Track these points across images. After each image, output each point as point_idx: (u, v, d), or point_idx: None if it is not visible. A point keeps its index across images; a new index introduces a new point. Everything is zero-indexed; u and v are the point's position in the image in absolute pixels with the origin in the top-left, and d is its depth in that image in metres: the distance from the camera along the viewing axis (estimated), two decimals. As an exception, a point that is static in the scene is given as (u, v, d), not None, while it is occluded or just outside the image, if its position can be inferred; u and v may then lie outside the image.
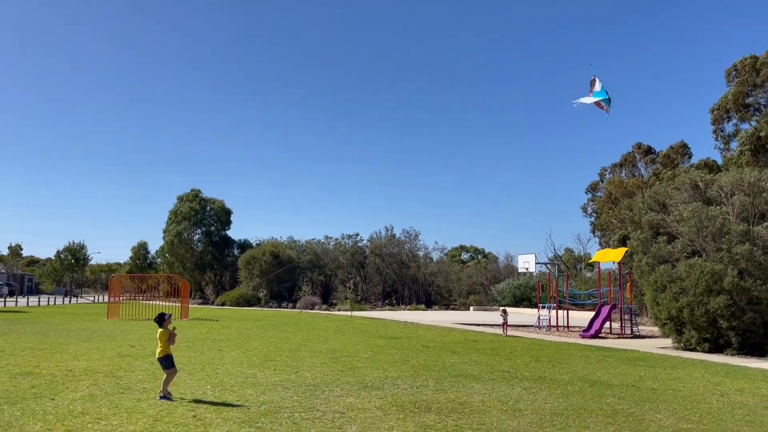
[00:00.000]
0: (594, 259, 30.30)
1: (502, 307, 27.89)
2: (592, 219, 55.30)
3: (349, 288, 47.28)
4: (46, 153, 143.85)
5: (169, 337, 9.09)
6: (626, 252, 25.19)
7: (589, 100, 24.72)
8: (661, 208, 20.53)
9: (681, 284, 18.00)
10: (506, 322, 23.38)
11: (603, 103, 24.44)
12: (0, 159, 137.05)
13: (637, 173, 50.56)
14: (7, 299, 49.79)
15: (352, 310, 43.19)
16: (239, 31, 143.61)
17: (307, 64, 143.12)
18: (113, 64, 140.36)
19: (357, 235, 64.98)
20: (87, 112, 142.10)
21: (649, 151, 50.64)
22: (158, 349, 9.04)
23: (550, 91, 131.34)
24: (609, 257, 27.60)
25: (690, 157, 45.21)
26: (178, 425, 7.08)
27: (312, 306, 50.72)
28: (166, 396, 8.72)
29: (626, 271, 27.89)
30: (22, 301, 51.97)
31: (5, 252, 72.79)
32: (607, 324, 25.59)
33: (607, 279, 30.45)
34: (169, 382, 8.94)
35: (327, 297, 59.74)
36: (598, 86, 24.59)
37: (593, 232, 52.09)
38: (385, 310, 50.78)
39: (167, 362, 8.94)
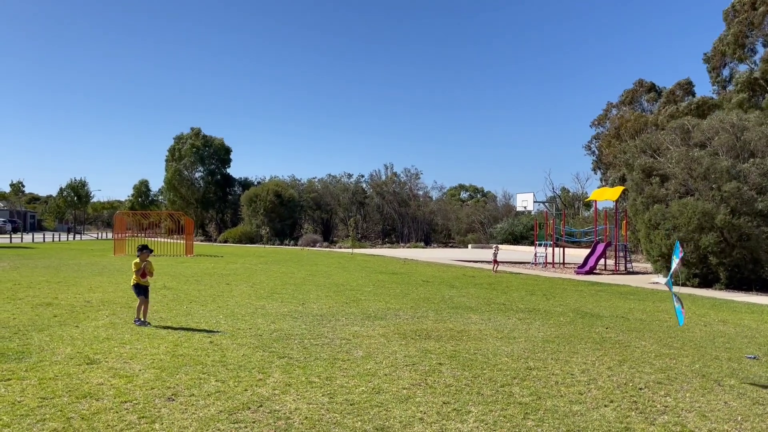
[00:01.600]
0: (591, 197, 30.75)
1: (495, 244, 28.50)
2: (595, 157, 55.44)
3: (350, 226, 47.94)
4: (47, 90, 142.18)
5: (142, 269, 9.63)
6: (623, 191, 25.62)
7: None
8: (653, 152, 20.85)
9: (674, 222, 18.51)
10: (496, 260, 23.89)
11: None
12: (1, 97, 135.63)
13: (640, 110, 50.36)
14: (12, 236, 50.50)
15: (353, 247, 43.97)
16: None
17: (307, 1, 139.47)
18: (112, 3, 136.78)
19: (360, 175, 65.40)
20: (87, 50, 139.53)
21: (652, 88, 50.28)
22: (135, 277, 9.71)
23: (550, 28, 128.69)
24: (605, 196, 28.03)
25: (693, 96, 45.01)
26: (197, 349, 7.64)
27: (313, 243, 51.55)
28: (141, 322, 9.37)
29: (622, 210, 28.40)
30: (26, 237, 52.70)
31: (7, 189, 73.15)
32: (602, 261, 26.28)
33: (603, 217, 30.96)
34: (141, 309, 9.52)
35: (328, 235, 60.58)
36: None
37: (594, 171, 52.34)
38: (385, 247, 51.65)
39: (137, 290, 9.62)
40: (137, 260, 9.82)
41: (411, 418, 5.21)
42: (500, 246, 49.81)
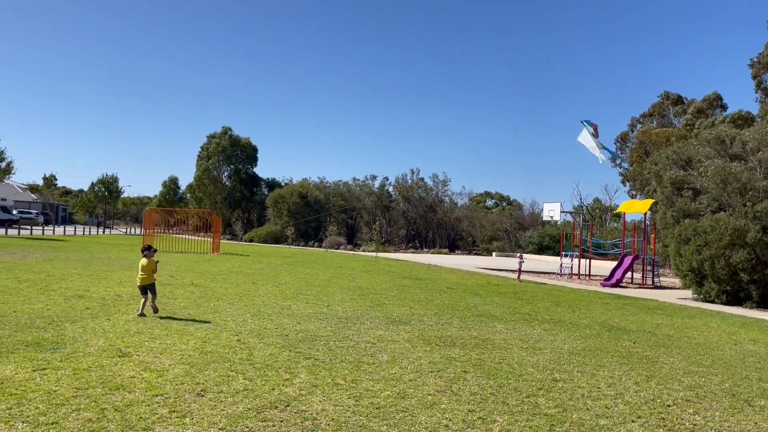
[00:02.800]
0: (620, 209, 30.39)
1: (519, 253, 28.02)
2: (621, 170, 54.82)
3: (375, 230, 48.03)
4: (80, 87, 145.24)
5: (155, 268, 10.33)
6: (652, 204, 25.28)
7: (589, 141, 26.53)
8: (685, 163, 20.53)
9: (705, 237, 18.21)
10: (521, 268, 23.63)
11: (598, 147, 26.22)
12: (36, 93, 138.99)
13: (667, 123, 49.66)
14: (45, 228, 51.62)
15: (377, 251, 44.04)
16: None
17: (339, 6, 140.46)
18: (146, 3, 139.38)
19: (385, 178, 65.54)
20: (122, 49, 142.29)
21: (678, 100, 49.50)
22: (141, 276, 10.03)
23: (573, 39, 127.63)
24: (635, 208, 27.69)
25: (724, 110, 44.18)
26: (225, 347, 7.75)
27: (337, 246, 51.77)
28: (143, 314, 9.84)
29: (651, 223, 28.03)
30: (58, 230, 53.81)
31: (40, 182, 74.82)
32: (629, 274, 25.95)
33: (632, 230, 30.56)
34: (151, 301, 10.11)
35: (352, 237, 60.78)
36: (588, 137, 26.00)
37: (623, 183, 51.70)
38: (409, 252, 51.62)
39: (153, 290, 10.16)
40: (146, 261, 10.21)
41: (437, 424, 5.23)
42: (525, 255, 49.52)
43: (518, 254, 25.20)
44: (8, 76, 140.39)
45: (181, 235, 39.20)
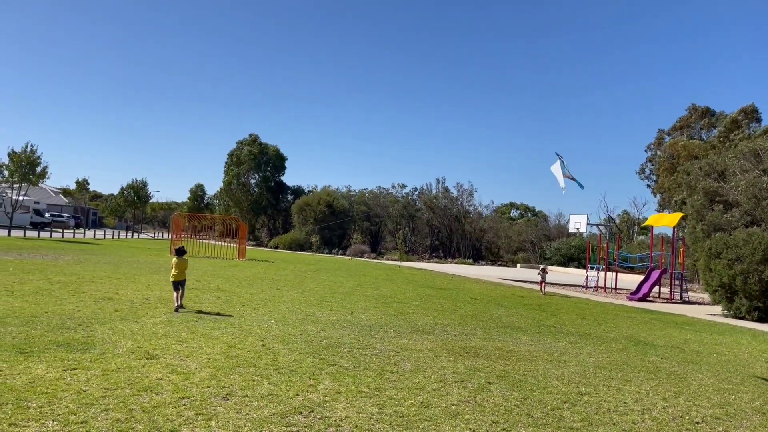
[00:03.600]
0: (648, 222, 29.95)
1: (542, 265, 27.02)
2: (650, 182, 54.09)
3: (399, 239, 48.04)
4: (113, 96, 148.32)
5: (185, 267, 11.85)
6: (681, 217, 24.88)
7: (559, 173, 28.30)
8: (718, 176, 20.17)
9: (737, 252, 17.86)
10: (544, 281, 22.78)
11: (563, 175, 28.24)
12: (72, 101, 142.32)
13: (695, 136, 48.89)
14: (76, 231, 52.63)
15: (400, 260, 44.01)
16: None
17: (365, 17, 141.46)
18: (173, 13, 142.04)
19: (414, 189, 65.60)
20: (150, 60, 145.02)
21: (707, 113, 48.67)
22: (174, 273, 11.56)
23: (602, 49, 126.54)
24: (663, 222, 27.28)
25: (759, 122, 43.37)
26: (251, 351, 7.82)
27: (361, 254, 51.88)
28: (182, 307, 11.21)
29: (680, 237, 27.57)
30: (88, 233, 54.82)
31: (73, 186, 76.33)
32: (656, 288, 25.55)
33: (659, 243, 30.09)
34: (183, 296, 11.50)
35: (376, 246, 60.85)
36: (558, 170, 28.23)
37: (654, 194, 50.97)
38: (432, 262, 51.48)
39: (183, 284, 11.62)
40: (178, 260, 11.75)
41: (460, 434, 5.21)
42: (549, 267, 48.94)
43: (541, 266, 24.73)
44: (46, 85, 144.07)
45: (207, 241, 39.66)
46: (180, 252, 12.14)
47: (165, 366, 6.70)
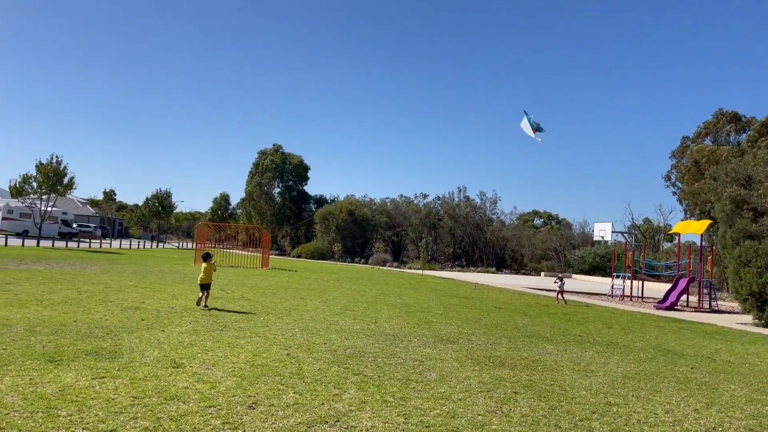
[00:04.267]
0: (674, 230, 29.49)
1: (559, 274, 25.91)
2: (675, 189, 53.33)
3: (421, 247, 47.96)
4: (139, 108, 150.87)
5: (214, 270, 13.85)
6: (709, 225, 24.46)
7: (528, 129, 29.34)
8: (745, 182, 19.80)
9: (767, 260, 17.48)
10: (562, 290, 21.99)
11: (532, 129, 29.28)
12: (98, 114, 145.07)
13: (721, 141, 48.05)
14: (102, 241, 53.46)
15: (423, 269, 43.90)
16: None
17: (386, 26, 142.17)
18: (196, 25, 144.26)
19: (436, 198, 65.54)
20: (175, 72, 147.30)
21: (734, 118, 47.80)
22: (202, 276, 13.35)
23: (626, 54, 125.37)
24: (690, 229, 26.83)
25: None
26: (275, 360, 7.84)
27: (383, 263, 51.87)
28: (206, 306, 12.90)
29: (708, 244, 27.09)
30: (114, 243, 55.64)
31: (100, 197, 77.55)
32: (684, 297, 25.11)
33: (687, 251, 29.59)
34: (206, 298, 13.12)
35: (398, 255, 60.80)
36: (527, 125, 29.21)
37: (680, 202, 50.21)
38: (455, 270, 51.26)
39: (209, 287, 13.33)
40: (208, 265, 13.53)
41: (487, 445, 5.15)
42: (575, 276, 48.28)
43: (558, 275, 24.20)
44: (72, 98, 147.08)
45: (230, 250, 39.99)
46: (206, 257, 13.84)
47: (191, 375, 6.74)
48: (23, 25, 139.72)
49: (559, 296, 22.02)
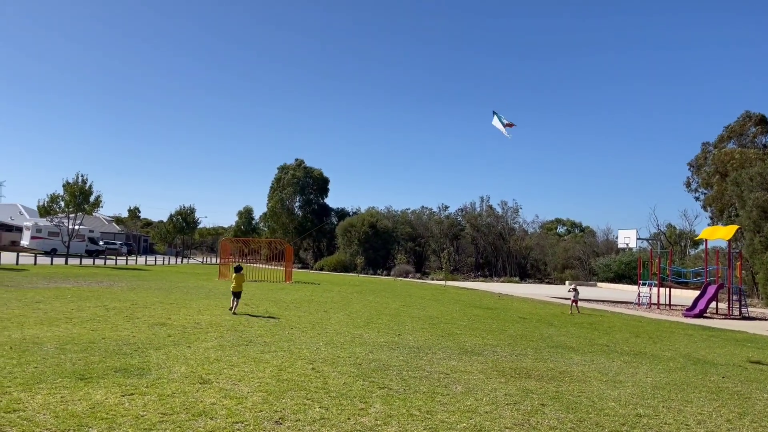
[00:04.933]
0: (701, 236, 29.01)
1: (573, 284, 24.49)
2: (697, 195, 52.55)
3: (443, 258, 47.81)
4: (163, 127, 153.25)
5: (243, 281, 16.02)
6: (737, 230, 24.04)
7: (500, 126, 31.33)
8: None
9: (798, 265, 17.12)
10: (576, 300, 21.26)
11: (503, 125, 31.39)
12: (125, 132, 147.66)
13: (747, 144, 47.23)
14: (128, 258, 54.20)
15: (445, 279, 43.73)
16: (344, 16, 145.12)
17: (404, 43, 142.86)
18: (219, 40, 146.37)
19: (459, 209, 65.40)
20: (198, 91, 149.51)
21: (762, 120, 47.00)
22: (234, 285, 15.56)
23: (648, 61, 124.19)
24: (717, 234, 26.38)
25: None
26: (301, 375, 7.87)
27: (406, 274, 51.79)
28: (235, 313, 14.68)
29: (736, 250, 26.60)
30: (140, 260, 56.36)
31: (125, 214, 78.84)
32: (713, 304, 24.66)
33: (714, 257, 29.05)
34: (235, 305, 15.10)
35: (420, 266, 60.68)
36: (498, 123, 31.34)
37: (704, 208, 49.44)
38: (478, 281, 50.97)
39: (239, 295, 15.51)
40: (239, 275, 15.87)
41: (515, 459, 5.10)
42: (599, 284, 47.70)
43: (571, 285, 23.45)
44: (98, 119, 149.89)
45: (254, 264, 40.24)
46: (238, 269, 16.26)
47: (218, 390, 6.79)
48: (47, 47, 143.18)
49: (573, 305, 21.41)
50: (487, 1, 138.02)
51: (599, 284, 49.53)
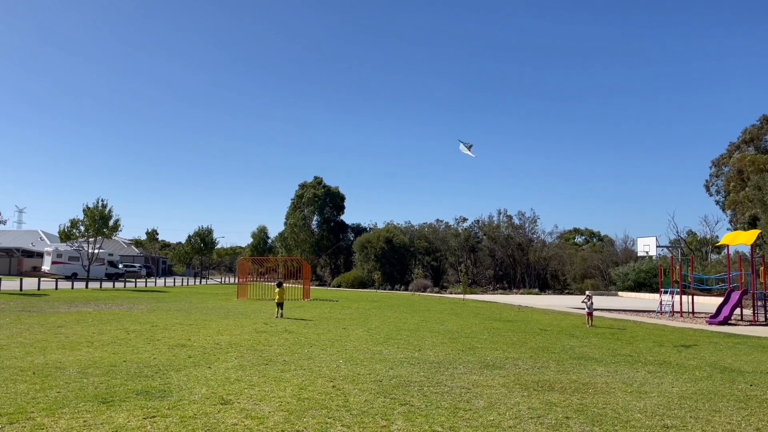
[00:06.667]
0: (723, 241, 28.58)
1: (588, 294, 22.90)
2: (718, 198, 51.90)
3: (461, 271, 47.57)
4: (177, 147, 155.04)
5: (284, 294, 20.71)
6: (759, 234, 23.67)
7: (465, 150, 35.95)
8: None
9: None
10: (590, 311, 20.04)
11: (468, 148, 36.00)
12: (140, 157, 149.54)
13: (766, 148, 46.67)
14: (147, 280, 54.63)
15: (464, 293, 43.48)
16: (351, 32, 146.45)
17: (419, 57, 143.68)
18: (236, 58, 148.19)
19: (476, 221, 65.19)
20: (215, 112, 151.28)
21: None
22: (277, 297, 20.26)
23: (664, 66, 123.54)
24: (739, 240, 25.99)
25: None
26: (321, 393, 7.83)
27: (424, 288, 51.57)
28: (280, 317, 19.28)
29: (759, 255, 26.17)
30: (159, 281, 56.76)
31: (143, 236, 79.57)
32: (738, 310, 24.23)
33: (737, 263, 28.59)
34: (279, 313, 19.61)
35: (438, 280, 60.40)
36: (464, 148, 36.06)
37: (724, 211, 48.79)
38: (497, 293, 50.61)
39: (282, 305, 20.11)
40: (279, 290, 20.53)
41: (541, 474, 5.02)
42: (620, 293, 47.10)
43: (586, 293, 22.06)
44: (116, 143, 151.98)
45: (271, 283, 40.34)
46: (279, 285, 21.20)
47: (239, 411, 6.78)
48: (64, 72, 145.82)
49: (588, 317, 20.15)
50: (506, 10, 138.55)
51: (620, 293, 48.95)
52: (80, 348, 11.50)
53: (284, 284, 22.54)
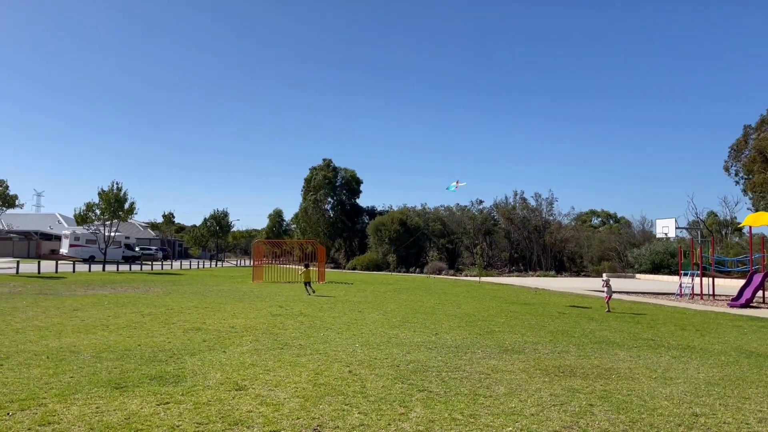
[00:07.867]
0: (744, 223, 27.99)
1: (606, 276, 20.94)
2: (737, 179, 50.97)
3: (477, 254, 47.28)
4: (192, 132, 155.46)
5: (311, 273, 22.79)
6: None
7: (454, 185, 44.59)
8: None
9: None
10: (609, 296, 19.24)
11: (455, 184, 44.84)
12: (158, 143, 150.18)
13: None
14: (163, 263, 54.95)
15: (480, 275, 43.23)
16: (368, 16, 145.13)
17: (438, 40, 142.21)
18: (249, 45, 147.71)
19: (494, 205, 64.57)
20: (226, 98, 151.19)
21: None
22: (303, 277, 22.98)
23: (683, 50, 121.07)
24: (762, 221, 25.43)
25: None
26: (338, 379, 7.67)
27: (439, 271, 51.37)
28: (312, 293, 21.94)
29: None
30: (175, 264, 57.10)
31: (160, 219, 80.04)
32: (760, 293, 23.78)
33: (759, 244, 28.02)
34: (311, 288, 22.24)
35: (453, 262, 60.13)
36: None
37: (745, 193, 47.91)
38: (513, 276, 50.31)
39: (309, 283, 22.73)
40: (307, 270, 23.02)
41: (567, 465, 4.81)
42: (637, 276, 46.56)
43: (604, 276, 20.75)
44: (131, 128, 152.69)
45: (286, 266, 40.36)
46: (306, 266, 23.52)
47: (254, 397, 6.63)
48: (79, 57, 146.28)
49: (608, 302, 19.38)
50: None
51: (638, 276, 48.42)
52: (95, 331, 11.45)
53: (310, 266, 24.50)
